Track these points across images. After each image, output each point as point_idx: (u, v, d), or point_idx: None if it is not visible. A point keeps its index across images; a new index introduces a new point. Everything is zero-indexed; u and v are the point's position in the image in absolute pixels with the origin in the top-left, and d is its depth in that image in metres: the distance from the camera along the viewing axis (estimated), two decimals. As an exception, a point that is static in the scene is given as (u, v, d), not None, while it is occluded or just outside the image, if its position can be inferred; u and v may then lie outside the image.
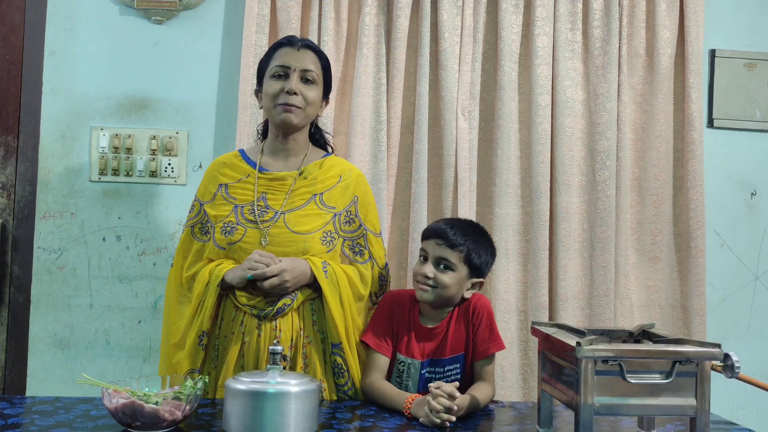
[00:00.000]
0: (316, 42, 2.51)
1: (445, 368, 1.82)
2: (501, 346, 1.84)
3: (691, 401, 1.36)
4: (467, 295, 1.84)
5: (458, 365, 1.83)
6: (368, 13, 2.55)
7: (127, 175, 2.59)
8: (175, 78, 2.60)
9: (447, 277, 1.79)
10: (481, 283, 1.87)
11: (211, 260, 1.87)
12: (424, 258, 1.83)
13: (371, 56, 2.56)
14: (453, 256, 1.80)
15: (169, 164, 2.59)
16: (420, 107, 2.56)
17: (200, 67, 2.61)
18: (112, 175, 2.58)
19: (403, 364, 1.83)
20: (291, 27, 2.51)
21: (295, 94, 1.83)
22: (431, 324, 1.84)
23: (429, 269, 1.79)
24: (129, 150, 2.58)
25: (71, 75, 2.57)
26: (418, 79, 2.57)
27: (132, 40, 2.59)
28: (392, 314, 1.86)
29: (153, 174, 2.58)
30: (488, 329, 1.83)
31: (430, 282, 1.78)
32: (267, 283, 1.73)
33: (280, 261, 1.75)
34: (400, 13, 2.55)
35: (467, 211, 2.55)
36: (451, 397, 1.56)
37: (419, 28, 2.58)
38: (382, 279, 1.97)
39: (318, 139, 2.03)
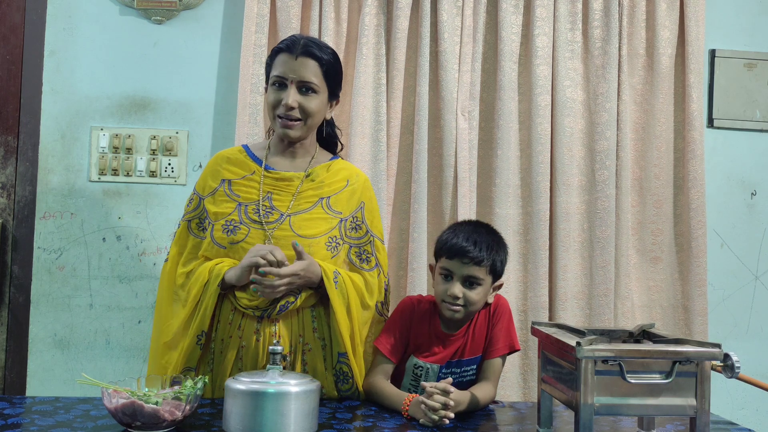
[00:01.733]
0: (316, 42, 2.51)
1: (462, 369, 1.82)
2: (515, 347, 1.84)
3: (691, 401, 1.36)
4: (490, 300, 1.84)
5: (476, 366, 1.83)
6: (368, 13, 2.55)
7: (127, 175, 2.59)
8: (174, 78, 2.61)
9: (475, 294, 1.76)
10: (501, 284, 1.86)
11: (207, 259, 1.81)
12: (446, 276, 1.78)
13: (371, 56, 2.56)
14: (480, 272, 1.76)
15: (169, 164, 2.59)
16: (420, 107, 2.56)
17: (200, 67, 2.61)
18: (112, 175, 2.58)
19: (421, 368, 1.82)
20: (291, 27, 2.51)
21: (293, 108, 1.76)
22: (453, 330, 1.82)
23: (458, 289, 1.75)
24: (129, 150, 2.58)
25: (71, 75, 2.57)
26: (418, 79, 2.57)
27: (132, 40, 2.59)
28: (411, 323, 1.83)
29: (153, 174, 2.58)
30: (504, 329, 1.82)
31: (460, 302, 1.76)
32: (278, 282, 1.66)
33: (286, 264, 1.68)
34: (400, 13, 2.55)
35: (467, 211, 2.55)
36: (446, 393, 1.57)
37: (419, 28, 2.58)
38: (386, 288, 1.93)
39: (327, 137, 1.95)
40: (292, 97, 1.76)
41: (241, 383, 1.40)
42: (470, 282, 1.76)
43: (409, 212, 2.57)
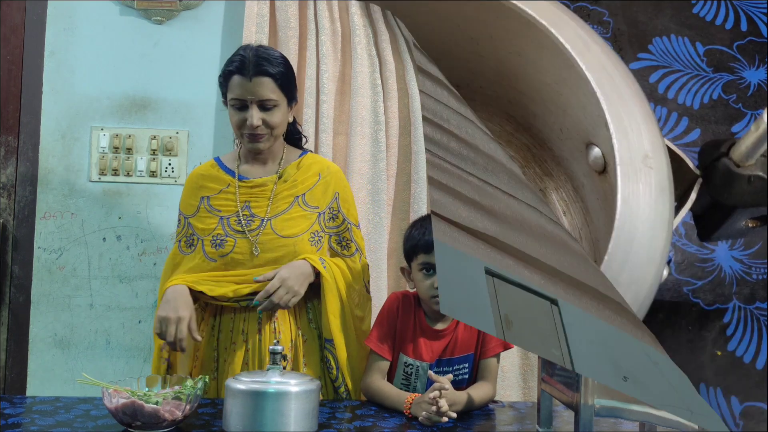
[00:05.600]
0: (314, 42, 2.50)
1: (454, 367, 1.82)
2: (508, 345, 1.84)
3: (691, 401, 1.36)
4: None
5: (467, 364, 1.83)
6: (355, 14, 2.53)
7: (128, 175, 2.59)
8: (175, 78, 2.61)
9: None
10: None
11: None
12: (428, 270, 1.80)
13: (365, 56, 2.55)
14: None
15: (169, 164, 2.59)
16: (414, 109, 2.55)
17: (200, 67, 2.61)
18: (112, 175, 2.58)
19: (411, 366, 1.82)
20: (290, 26, 2.50)
21: (258, 125, 1.80)
22: (440, 325, 1.83)
23: None
24: (129, 150, 2.58)
25: (71, 75, 2.57)
26: (408, 81, 2.56)
27: (132, 40, 2.59)
28: (397, 317, 1.85)
29: (153, 174, 2.59)
30: None
31: None
32: (275, 297, 1.74)
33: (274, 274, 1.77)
34: (377, 16, 2.53)
35: (467, 211, 2.55)
36: (443, 389, 1.58)
37: (401, 30, 2.56)
38: (366, 268, 2.00)
39: (290, 134, 1.99)
40: (255, 117, 1.80)
41: (241, 383, 1.40)
42: None
43: (408, 212, 2.57)
